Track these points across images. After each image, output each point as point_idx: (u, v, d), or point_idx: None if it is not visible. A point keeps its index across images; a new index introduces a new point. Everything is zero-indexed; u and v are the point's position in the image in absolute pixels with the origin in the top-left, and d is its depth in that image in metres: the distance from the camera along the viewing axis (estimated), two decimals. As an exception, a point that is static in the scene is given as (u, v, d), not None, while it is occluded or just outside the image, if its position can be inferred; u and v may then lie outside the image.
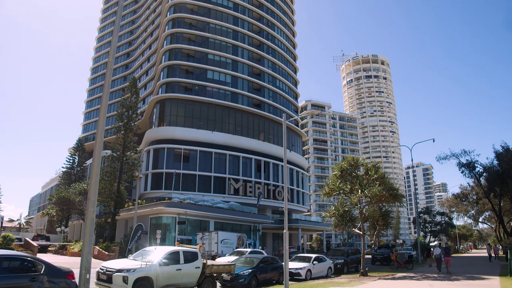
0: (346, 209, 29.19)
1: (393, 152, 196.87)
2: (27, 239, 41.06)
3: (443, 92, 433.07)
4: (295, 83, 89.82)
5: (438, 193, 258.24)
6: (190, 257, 17.42)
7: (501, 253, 56.88)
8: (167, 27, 71.98)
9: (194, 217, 48.62)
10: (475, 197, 59.71)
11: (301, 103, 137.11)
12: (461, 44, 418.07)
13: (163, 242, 44.00)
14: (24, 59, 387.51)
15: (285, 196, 18.66)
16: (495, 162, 47.97)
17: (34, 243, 40.31)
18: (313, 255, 29.78)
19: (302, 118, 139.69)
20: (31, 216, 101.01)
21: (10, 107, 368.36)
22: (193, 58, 69.90)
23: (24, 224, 77.54)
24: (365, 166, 29.78)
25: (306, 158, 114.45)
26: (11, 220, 78.91)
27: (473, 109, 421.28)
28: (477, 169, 49.31)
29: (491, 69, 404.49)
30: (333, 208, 29.85)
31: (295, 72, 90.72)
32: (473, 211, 67.01)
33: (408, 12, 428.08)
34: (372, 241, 50.77)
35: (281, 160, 72.29)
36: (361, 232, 29.21)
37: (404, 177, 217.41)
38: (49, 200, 66.31)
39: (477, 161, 48.92)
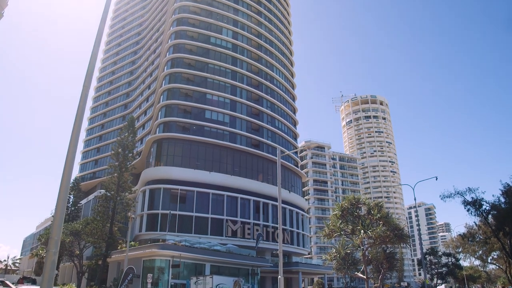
0: (348, 251, 27.49)
1: (394, 192, 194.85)
2: (7, 282, 38.58)
3: (443, 130, 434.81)
4: (294, 123, 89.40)
5: (441, 233, 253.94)
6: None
7: None
8: (166, 67, 72.25)
9: (189, 260, 46.65)
10: (481, 237, 57.60)
11: (300, 143, 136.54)
12: (460, 81, 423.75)
13: (155, 287, 41.85)
14: (21, 93, 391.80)
15: (279, 235, 17.25)
16: (502, 199, 46.44)
17: (13, 287, 37.90)
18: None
19: (301, 159, 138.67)
20: (19, 257, 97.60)
21: (10, 145, 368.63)
22: (191, 97, 69.67)
23: (12, 265, 74.50)
24: (367, 205, 28.28)
25: (306, 199, 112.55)
26: (-1, 261, 75.92)
27: (475, 146, 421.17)
28: (483, 206, 47.66)
29: (492, 103, 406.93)
30: (334, 251, 28.12)
31: (294, 113, 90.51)
32: (480, 252, 64.56)
33: (406, 51, 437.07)
34: (376, 285, 48.39)
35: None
36: (364, 277, 27.35)
37: (406, 217, 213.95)
38: (39, 240, 64.03)
39: (483, 198, 47.36)
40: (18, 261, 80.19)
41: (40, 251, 63.27)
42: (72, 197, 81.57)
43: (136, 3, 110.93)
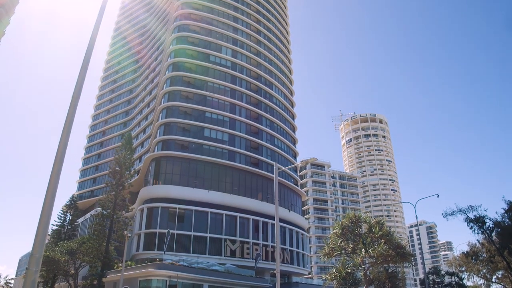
0: (349, 270, 26.72)
1: (395, 211, 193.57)
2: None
3: (444, 148, 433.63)
4: (294, 142, 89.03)
5: (443, 252, 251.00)
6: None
7: None
8: (165, 85, 72.27)
9: (187, 281, 45.75)
10: (485, 255, 56.51)
11: (300, 162, 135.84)
12: (460, 98, 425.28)
13: (152, 308, 40.85)
14: (24, 111, 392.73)
15: (277, 253, 16.64)
16: (506, 216, 45.60)
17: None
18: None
19: (301, 177, 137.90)
20: (13, 277, 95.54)
21: (8, 155, 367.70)
22: (190, 115, 69.47)
23: (4, 285, 72.94)
24: (368, 223, 27.60)
25: (306, 218, 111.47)
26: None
27: (476, 163, 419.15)
28: (487, 224, 46.79)
29: (494, 119, 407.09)
30: (334, 270, 27.34)
31: (294, 131, 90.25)
32: (484, 270, 63.29)
33: (404, 69, 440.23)
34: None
35: (280, 220, 69.59)
36: (366, 297, 26.49)
37: (408, 236, 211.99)
38: (33, 259, 62.77)
39: (486, 215, 46.55)
40: (11, 280, 78.40)
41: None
42: (69, 216, 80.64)
43: (138, 21, 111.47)
